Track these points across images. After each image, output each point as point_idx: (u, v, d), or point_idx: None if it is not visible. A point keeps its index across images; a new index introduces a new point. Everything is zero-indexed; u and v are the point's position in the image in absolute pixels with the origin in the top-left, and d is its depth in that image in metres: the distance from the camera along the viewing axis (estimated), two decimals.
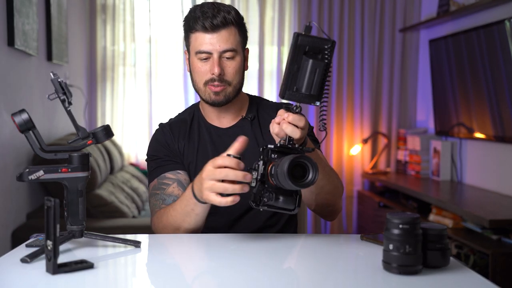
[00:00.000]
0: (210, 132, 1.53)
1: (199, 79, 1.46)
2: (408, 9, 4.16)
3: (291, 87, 1.10)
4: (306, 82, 1.09)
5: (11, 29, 2.48)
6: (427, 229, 1.04)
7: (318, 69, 1.09)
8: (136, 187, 3.55)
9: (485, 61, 3.03)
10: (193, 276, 1.08)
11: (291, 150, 1.15)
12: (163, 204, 1.44)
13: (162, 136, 1.54)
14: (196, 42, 1.44)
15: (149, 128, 4.11)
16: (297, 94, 1.11)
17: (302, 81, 1.09)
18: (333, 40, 1.10)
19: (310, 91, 1.10)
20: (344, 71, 4.18)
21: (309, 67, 1.08)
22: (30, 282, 0.98)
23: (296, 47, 1.08)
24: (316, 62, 1.08)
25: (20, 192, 2.72)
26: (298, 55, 1.09)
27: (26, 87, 2.78)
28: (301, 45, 1.08)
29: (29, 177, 1.09)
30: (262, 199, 1.16)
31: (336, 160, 4.21)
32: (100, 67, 4.11)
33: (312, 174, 1.08)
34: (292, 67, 1.09)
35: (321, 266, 1.16)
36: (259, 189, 1.16)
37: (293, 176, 1.07)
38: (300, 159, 1.07)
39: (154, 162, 1.51)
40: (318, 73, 1.09)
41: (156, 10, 4.10)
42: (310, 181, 1.08)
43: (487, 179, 3.25)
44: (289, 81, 1.10)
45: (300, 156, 1.08)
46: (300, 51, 1.09)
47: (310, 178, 1.08)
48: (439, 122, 3.68)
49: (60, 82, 1.12)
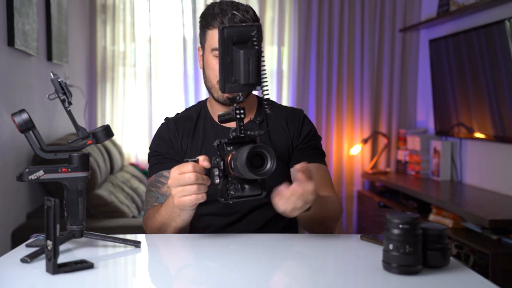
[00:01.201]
0: (216, 131, 1.53)
1: (213, 76, 1.45)
2: (408, 9, 4.16)
3: (229, 80, 1.13)
4: (243, 73, 1.11)
5: (11, 29, 2.48)
6: (427, 229, 1.04)
7: (251, 58, 1.10)
8: (136, 187, 3.55)
9: (485, 61, 3.03)
10: (193, 276, 1.08)
11: (244, 138, 1.19)
12: (155, 202, 1.45)
13: (166, 132, 1.54)
14: (213, 39, 1.42)
15: (149, 128, 4.11)
16: (237, 85, 1.13)
17: (238, 73, 1.11)
18: (258, 24, 1.12)
19: (249, 80, 1.12)
20: (344, 71, 4.18)
21: (242, 58, 1.10)
22: (30, 282, 0.98)
23: (224, 40, 1.10)
24: (247, 51, 1.10)
25: (20, 192, 2.72)
26: (228, 47, 1.11)
27: (26, 87, 2.78)
28: (228, 37, 1.10)
29: (29, 177, 1.09)
30: (229, 192, 1.20)
31: (336, 160, 4.21)
32: (100, 67, 4.11)
33: (270, 162, 1.11)
34: (225, 60, 1.11)
35: (321, 266, 1.16)
36: (224, 183, 1.20)
37: (252, 165, 1.10)
38: (257, 149, 1.10)
39: (155, 158, 1.52)
40: (252, 61, 1.11)
41: (156, 10, 4.10)
42: (269, 170, 1.11)
43: (487, 179, 3.25)
44: (226, 74, 1.12)
45: (258, 145, 1.11)
46: (229, 43, 1.11)
47: (268, 167, 1.11)
48: (439, 122, 3.68)
49: (60, 82, 1.12)
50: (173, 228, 1.33)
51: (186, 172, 1.17)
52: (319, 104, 4.19)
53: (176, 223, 1.31)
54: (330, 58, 4.18)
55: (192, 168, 1.17)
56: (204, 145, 1.52)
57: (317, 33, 4.14)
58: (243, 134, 1.18)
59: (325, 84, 4.17)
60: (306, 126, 1.56)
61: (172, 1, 4.10)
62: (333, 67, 4.17)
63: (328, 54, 4.17)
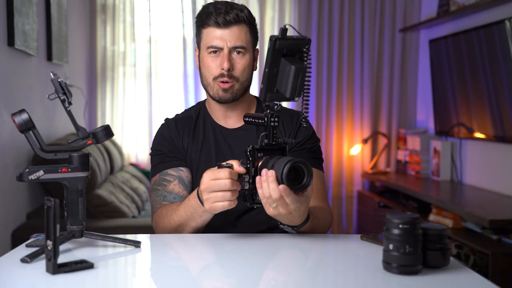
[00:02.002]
0: (215, 131, 1.54)
1: (208, 74, 1.47)
2: (408, 9, 4.16)
3: (272, 90, 1.13)
4: (290, 88, 1.10)
5: (11, 29, 2.48)
6: (427, 229, 1.04)
7: (301, 74, 1.10)
8: (136, 187, 3.55)
9: (485, 61, 3.03)
10: (193, 276, 1.08)
11: (275, 146, 1.20)
12: (163, 200, 1.46)
13: (167, 131, 1.55)
14: (208, 37, 1.45)
15: (149, 128, 4.11)
16: (278, 95, 1.14)
17: (285, 86, 1.11)
18: (309, 38, 1.12)
19: (295, 95, 1.12)
20: (344, 71, 4.18)
21: (292, 73, 1.09)
22: (30, 282, 0.98)
23: (274, 51, 1.10)
24: (298, 67, 1.09)
25: (20, 192, 2.72)
26: (277, 58, 1.11)
27: (26, 87, 2.78)
28: (279, 48, 1.10)
29: (29, 177, 1.09)
30: (255, 197, 1.22)
31: (336, 160, 4.21)
32: (100, 67, 4.11)
33: (306, 178, 1.13)
34: (272, 70, 1.11)
35: (321, 266, 1.16)
36: (251, 187, 1.21)
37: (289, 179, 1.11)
38: (298, 164, 1.12)
39: (158, 157, 1.53)
40: (301, 77, 1.11)
41: (156, 10, 4.10)
42: (304, 185, 1.13)
43: (487, 179, 3.25)
44: (269, 84, 1.12)
45: (298, 160, 1.12)
46: (278, 54, 1.10)
47: (304, 182, 1.13)
48: (439, 122, 3.68)
49: (60, 82, 1.12)
50: (191, 228, 1.34)
51: (221, 179, 1.18)
52: (319, 104, 4.19)
53: (196, 223, 1.33)
54: (330, 58, 4.18)
55: (228, 175, 1.18)
56: (204, 144, 1.53)
57: (317, 33, 4.14)
58: (274, 141, 1.20)
59: (325, 84, 4.17)
60: (303, 128, 1.55)
61: (172, 1, 4.10)
62: (333, 67, 4.17)
63: (328, 54, 4.17)
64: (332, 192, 4.22)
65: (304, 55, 1.11)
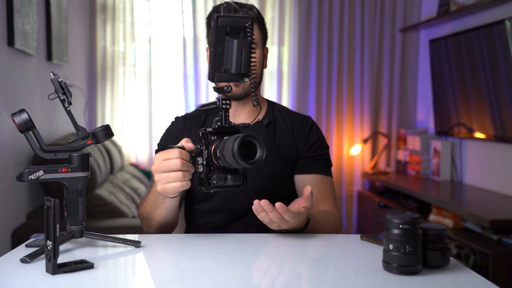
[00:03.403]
0: None
1: None
2: (408, 9, 4.16)
3: (219, 69, 1.12)
4: (235, 62, 1.11)
5: (11, 29, 2.48)
6: (427, 229, 1.04)
7: (244, 48, 1.10)
8: (136, 187, 3.55)
9: (485, 61, 3.03)
10: (193, 276, 1.08)
11: (229, 129, 1.18)
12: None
13: (175, 128, 1.59)
14: None
15: (149, 128, 4.11)
16: (226, 75, 1.13)
17: (230, 62, 1.11)
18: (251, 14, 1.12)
19: (240, 70, 1.12)
20: (344, 71, 4.18)
21: (235, 47, 1.10)
22: (30, 282, 0.98)
23: (217, 29, 1.10)
24: (241, 41, 1.10)
25: (20, 192, 2.72)
26: (221, 36, 1.10)
27: (26, 87, 2.78)
28: (222, 26, 1.10)
29: (29, 177, 1.09)
30: (211, 182, 1.19)
31: (336, 160, 4.21)
32: (100, 67, 4.11)
33: (260, 151, 1.10)
34: (217, 49, 1.11)
35: (321, 266, 1.16)
36: (206, 172, 1.18)
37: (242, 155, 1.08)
38: (248, 138, 1.10)
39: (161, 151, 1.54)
40: (245, 51, 1.11)
41: (156, 10, 4.10)
42: (259, 159, 1.11)
43: (487, 179, 3.25)
44: (216, 63, 1.12)
45: (248, 134, 1.10)
46: (222, 32, 1.10)
47: (258, 156, 1.10)
48: (439, 122, 3.68)
49: (60, 82, 1.12)
50: (157, 215, 1.34)
51: (171, 158, 1.17)
52: (319, 104, 4.19)
53: (160, 210, 1.33)
54: (330, 58, 4.18)
55: (178, 154, 1.16)
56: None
57: (317, 33, 4.14)
58: (228, 124, 1.18)
59: (325, 84, 4.17)
60: (314, 134, 1.58)
61: (172, 1, 4.10)
62: (333, 67, 4.17)
63: (328, 54, 4.17)
64: None
65: (247, 31, 1.11)
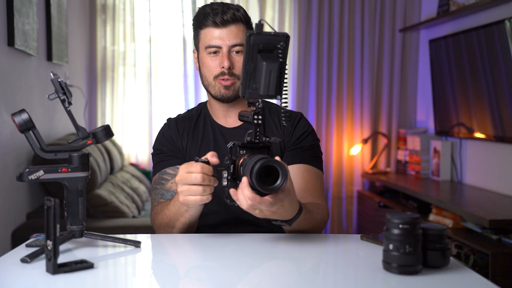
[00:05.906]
0: (214, 130, 1.56)
1: (208, 73, 1.48)
2: (408, 9, 4.16)
3: (250, 86, 1.11)
4: (263, 84, 1.10)
5: (11, 29, 2.48)
6: (427, 229, 1.04)
7: (273, 71, 1.09)
8: (136, 187, 3.55)
9: (485, 61, 3.03)
10: (193, 276, 1.08)
11: (258, 144, 1.17)
12: (161, 198, 1.48)
13: (168, 131, 1.58)
14: (206, 37, 1.47)
15: (149, 128, 4.11)
16: (257, 93, 1.11)
17: (259, 82, 1.10)
18: (286, 34, 1.11)
19: (268, 92, 1.10)
20: (344, 71, 4.18)
21: (264, 70, 1.08)
22: (30, 282, 0.98)
23: (249, 47, 1.09)
24: (269, 64, 1.08)
25: (20, 192, 2.72)
26: (253, 54, 1.09)
27: (26, 87, 2.78)
28: (254, 44, 1.08)
29: (29, 177, 1.09)
30: None
31: (336, 160, 4.21)
32: (100, 67, 4.11)
33: (281, 180, 1.08)
34: (249, 66, 1.10)
35: (321, 266, 1.16)
36: (231, 185, 1.18)
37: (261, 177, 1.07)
38: (269, 163, 1.08)
39: (158, 156, 1.55)
40: (274, 74, 1.09)
41: (156, 10, 4.10)
42: (278, 187, 1.08)
43: (487, 179, 3.25)
44: (248, 80, 1.11)
45: (270, 160, 1.08)
46: (254, 50, 1.09)
47: (278, 183, 1.08)
48: (439, 122, 3.68)
49: (60, 82, 1.12)
50: (181, 223, 1.35)
51: (193, 172, 1.17)
52: (319, 104, 4.19)
53: (184, 218, 1.33)
54: (330, 58, 4.18)
55: (200, 169, 1.17)
56: (203, 142, 1.54)
57: (317, 33, 4.14)
58: (257, 139, 1.17)
59: (325, 84, 4.17)
60: (301, 127, 1.55)
61: (172, 1, 4.10)
62: (333, 67, 4.17)
63: (328, 54, 4.17)
64: (332, 192, 4.22)
65: (279, 51, 1.09)
